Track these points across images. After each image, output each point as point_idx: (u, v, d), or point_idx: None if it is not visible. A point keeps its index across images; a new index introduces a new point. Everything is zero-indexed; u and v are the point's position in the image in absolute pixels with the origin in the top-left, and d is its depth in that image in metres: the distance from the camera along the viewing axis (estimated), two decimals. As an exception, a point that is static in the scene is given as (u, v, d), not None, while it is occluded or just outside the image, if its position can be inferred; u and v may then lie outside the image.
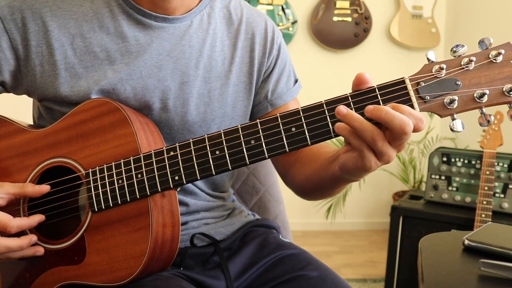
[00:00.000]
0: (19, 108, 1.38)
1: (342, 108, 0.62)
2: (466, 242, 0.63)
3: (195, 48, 0.84)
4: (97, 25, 0.79)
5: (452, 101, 0.62)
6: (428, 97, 0.62)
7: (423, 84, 0.63)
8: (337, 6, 3.04)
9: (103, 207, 0.74)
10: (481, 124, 0.63)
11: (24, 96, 0.87)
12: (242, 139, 0.68)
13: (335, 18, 3.05)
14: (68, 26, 0.79)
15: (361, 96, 0.64)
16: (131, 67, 0.80)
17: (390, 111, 0.59)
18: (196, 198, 0.90)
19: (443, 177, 1.92)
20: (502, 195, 1.79)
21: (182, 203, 0.87)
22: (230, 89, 0.87)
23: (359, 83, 0.63)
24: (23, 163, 0.81)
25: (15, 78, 0.82)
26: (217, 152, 0.69)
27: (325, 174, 0.78)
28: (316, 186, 0.84)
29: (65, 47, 0.79)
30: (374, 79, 0.64)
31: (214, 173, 0.69)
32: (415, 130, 0.61)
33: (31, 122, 0.91)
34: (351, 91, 0.65)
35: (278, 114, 0.67)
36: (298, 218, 3.17)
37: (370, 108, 0.61)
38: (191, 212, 0.89)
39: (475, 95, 0.61)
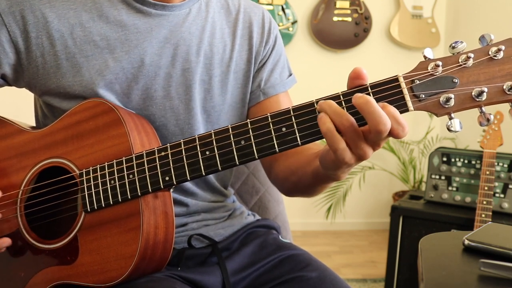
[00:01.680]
0: (20, 108, 1.38)
1: (322, 101, 0.61)
2: (466, 242, 0.63)
3: (195, 35, 0.85)
4: (96, 14, 0.80)
5: (448, 100, 0.59)
6: (423, 96, 0.60)
7: (417, 82, 0.60)
8: (337, 6, 3.04)
9: (95, 207, 0.74)
10: (480, 124, 0.60)
11: (25, 96, 0.87)
12: (232, 139, 0.67)
13: (335, 18, 3.05)
14: (67, 16, 0.79)
15: (353, 94, 0.61)
16: (131, 55, 0.80)
17: (372, 102, 0.57)
18: (196, 199, 0.90)
19: (443, 177, 1.92)
20: (502, 195, 1.79)
21: (182, 204, 0.87)
22: (231, 76, 0.88)
23: (355, 77, 0.62)
24: (21, 164, 0.81)
25: (16, 71, 0.82)
26: (207, 153, 0.68)
27: (308, 168, 0.78)
28: (299, 181, 0.83)
29: (65, 37, 0.79)
30: (374, 79, 0.63)
31: (204, 173, 0.69)
32: (394, 135, 0.59)
33: (31, 122, 0.91)
34: (346, 88, 0.64)
35: (268, 114, 0.65)
36: (298, 218, 3.17)
37: (357, 94, 0.59)
38: (191, 213, 0.89)
39: (473, 93, 0.59)
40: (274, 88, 0.92)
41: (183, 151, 0.70)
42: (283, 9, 3.01)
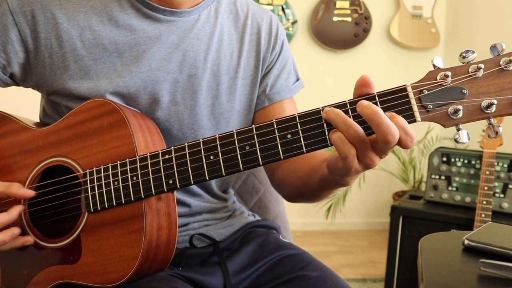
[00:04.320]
0: (23, 106, 1.38)
1: (328, 109, 0.61)
2: (466, 242, 0.63)
3: (203, 42, 0.85)
4: (106, 18, 0.80)
5: (456, 111, 0.58)
6: (431, 106, 0.59)
7: (426, 92, 0.59)
8: (337, 6, 3.05)
9: (99, 208, 0.74)
10: (489, 136, 0.59)
11: (28, 94, 0.87)
12: (236, 144, 0.66)
13: (335, 18, 3.05)
14: (77, 18, 0.79)
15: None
16: (140, 59, 0.80)
17: (380, 113, 0.57)
18: (199, 200, 0.90)
19: (443, 177, 1.92)
20: (502, 195, 1.79)
21: (184, 204, 0.87)
22: (239, 82, 0.88)
23: (363, 84, 0.61)
24: (25, 161, 0.81)
25: (24, 71, 0.82)
26: (211, 157, 0.68)
27: (315, 174, 0.78)
28: (304, 186, 0.83)
29: (74, 39, 0.79)
30: (374, 79, 0.63)
31: (207, 178, 0.68)
32: (403, 146, 0.59)
33: (36, 119, 0.91)
34: (352, 97, 0.63)
35: (274, 120, 0.65)
36: (298, 218, 3.17)
37: (363, 103, 0.58)
38: (193, 213, 0.89)
39: (482, 104, 0.58)
40: (280, 94, 0.92)
41: (187, 155, 0.69)
42: (283, 9, 3.01)
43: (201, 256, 0.86)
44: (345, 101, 0.62)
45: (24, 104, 1.39)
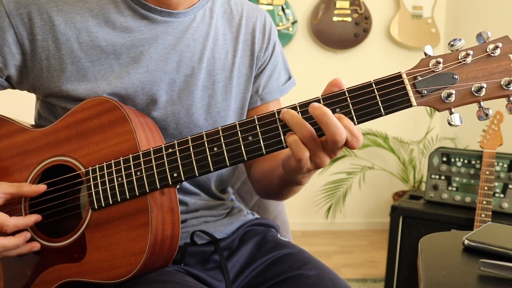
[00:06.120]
0: (19, 108, 1.38)
1: (284, 110, 0.65)
2: (466, 242, 0.63)
3: (199, 42, 0.85)
4: (103, 20, 0.80)
5: (449, 95, 0.62)
6: (425, 91, 0.63)
7: (420, 78, 0.63)
8: (337, 6, 3.04)
9: (103, 205, 0.74)
10: (479, 118, 0.63)
11: (25, 97, 0.87)
12: (240, 135, 0.68)
13: (335, 18, 3.05)
14: (74, 20, 0.79)
15: (357, 91, 0.64)
16: (137, 61, 0.81)
17: (328, 114, 0.61)
18: (196, 198, 0.90)
19: (443, 177, 1.92)
20: (502, 195, 1.79)
21: (181, 203, 0.88)
22: (234, 81, 0.89)
23: (334, 85, 0.66)
24: (25, 162, 0.81)
25: (21, 73, 0.82)
26: (215, 149, 0.69)
27: (277, 171, 0.81)
28: (269, 183, 0.87)
29: (71, 41, 0.79)
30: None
31: (212, 169, 0.69)
32: (349, 146, 0.63)
33: (33, 122, 0.91)
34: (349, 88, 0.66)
35: (275, 110, 0.67)
36: (298, 218, 3.17)
37: (314, 105, 0.62)
38: (190, 210, 0.90)
39: (472, 89, 0.62)
40: (271, 94, 0.94)
41: (191, 147, 0.70)
42: (283, 9, 3.01)
43: (202, 254, 0.86)
44: (343, 89, 0.66)
45: (22, 107, 1.39)
